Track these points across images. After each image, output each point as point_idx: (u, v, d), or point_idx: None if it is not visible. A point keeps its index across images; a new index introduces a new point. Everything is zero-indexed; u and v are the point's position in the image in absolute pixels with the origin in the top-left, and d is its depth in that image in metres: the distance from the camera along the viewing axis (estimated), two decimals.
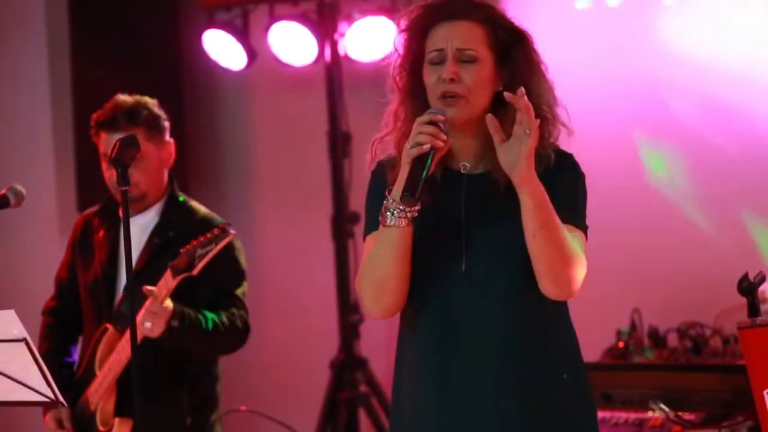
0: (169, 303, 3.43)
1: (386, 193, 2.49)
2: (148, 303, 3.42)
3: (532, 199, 2.43)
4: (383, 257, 2.51)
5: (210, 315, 3.55)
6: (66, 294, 3.81)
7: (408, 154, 2.45)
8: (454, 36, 2.52)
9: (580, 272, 2.50)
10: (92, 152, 3.86)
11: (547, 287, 2.49)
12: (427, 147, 2.43)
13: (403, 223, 2.47)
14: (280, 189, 5.62)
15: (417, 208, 2.47)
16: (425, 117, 2.47)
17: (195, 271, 3.38)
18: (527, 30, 2.59)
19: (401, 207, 2.46)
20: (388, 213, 2.47)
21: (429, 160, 2.44)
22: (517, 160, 2.43)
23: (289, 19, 5.14)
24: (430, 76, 2.53)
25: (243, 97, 5.66)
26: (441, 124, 2.45)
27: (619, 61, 4.76)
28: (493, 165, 2.53)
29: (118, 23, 5.38)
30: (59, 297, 3.84)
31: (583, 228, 2.58)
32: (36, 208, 4.87)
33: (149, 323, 3.40)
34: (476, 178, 2.56)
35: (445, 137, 2.45)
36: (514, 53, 2.55)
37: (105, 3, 5.41)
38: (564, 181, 2.55)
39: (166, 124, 3.71)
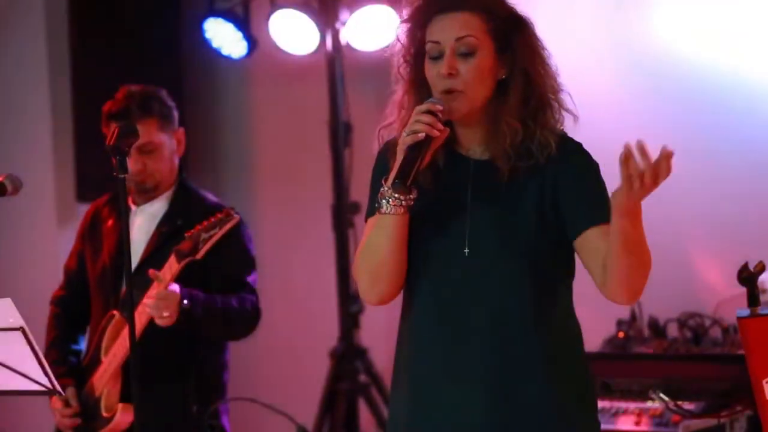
0: (175, 286, 3.43)
1: (383, 181, 2.49)
2: (153, 290, 3.42)
3: (625, 231, 2.35)
4: (378, 245, 2.50)
5: (219, 297, 3.55)
6: (74, 283, 3.82)
7: (403, 141, 2.44)
8: (452, 27, 2.50)
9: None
10: (91, 140, 3.85)
11: (617, 295, 2.46)
12: (422, 135, 2.42)
13: (400, 210, 2.47)
14: (280, 178, 5.62)
15: (413, 196, 2.46)
16: (423, 106, 2.46)
17: (199, 255, 3.39)
18: (527, 16, 2.57)
19: (396, 195, 2.45)
20: (384, 201, 2.47)
21: (424, 149, 2.42)
22: (623, 200, 2.32)
23: (290, 7, 5.12)
24: (430, 71, 2.52)
25: (243, 85, 5.65)
26: (439, 114, 2.44)
27: (617, 59, 4.76)
28: (495, 152, 2.52)
29: (118, 10, 5.37)
30: (67, 286, 3.84)
31: None
32: (34, 197, 4.86)
33: (166, 312, 3.39)
34: (483, 163, 2.55)
35: (441, 127, 2.44)
36: (514, 41, 2.53)
37: None
38: (587, 179, 2.52)
39: (176, 112, 3.72)
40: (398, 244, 2.50)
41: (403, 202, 2.46)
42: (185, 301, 3.43)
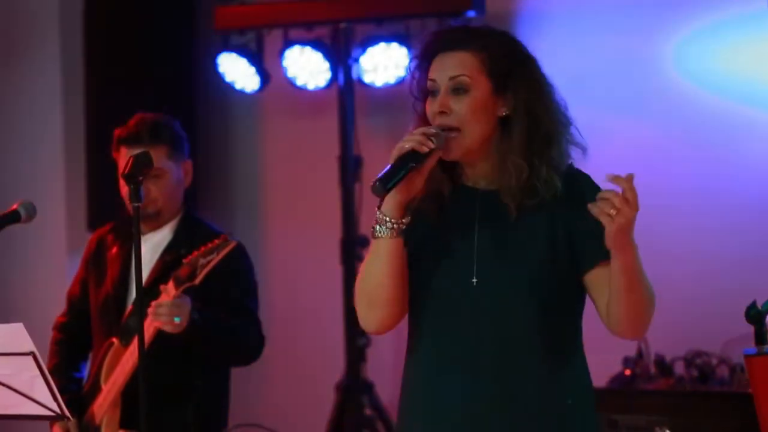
0: (186, 297, 3.41)
1: (377, 207, 2.51)
2: (161, 299, 3.41)
3: (625, 267, 2.43)
4: (373, 269, 2.53)
5: (226, 318, 3.55)
6: (77, 310, 3.82)
7: (391, 155, 2.48)
8: (447, 66, 2.54)
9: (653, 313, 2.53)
10: (103, 170, 3.86)
11: (623, 331, 2.51)
12: (408, 146, 2.46)
13: (392, 234, 2.49)
14: (290, 212, 5.64)
15: (405, 220, 2.49)
16: (419, 129, 2.50)
17: (197, 281, 3.38)
18: (530, 52, 2.58)
19: (387, 218, 2.48)
20: (377, 225, 2.50)
21: (411, 164, 2.45)
22: (610, 234, 2.40)
23: (303, 43, 5.17)
24: (429, 107, 2.56)
25: (256, 119, 5.69)
26: (433, 138, 2.47)
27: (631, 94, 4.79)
28: (501, 185, 2.54)
29: (132, 44, 5.42)
30: (70, 313, 3.85)
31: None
32: (46, 225, 4.88)
33: (178, 318, 3.38)
34: (489, 193, 2.56)
35: (432, 145, 2.46)
36: (515, 79, 2.54)
37: (120, 23, 5.45)
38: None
39: (186, 143, 3.73)
40: (393, 268, 2.51)
41: (394, 225, 2.48)
42: (195, 314, 3.42)
